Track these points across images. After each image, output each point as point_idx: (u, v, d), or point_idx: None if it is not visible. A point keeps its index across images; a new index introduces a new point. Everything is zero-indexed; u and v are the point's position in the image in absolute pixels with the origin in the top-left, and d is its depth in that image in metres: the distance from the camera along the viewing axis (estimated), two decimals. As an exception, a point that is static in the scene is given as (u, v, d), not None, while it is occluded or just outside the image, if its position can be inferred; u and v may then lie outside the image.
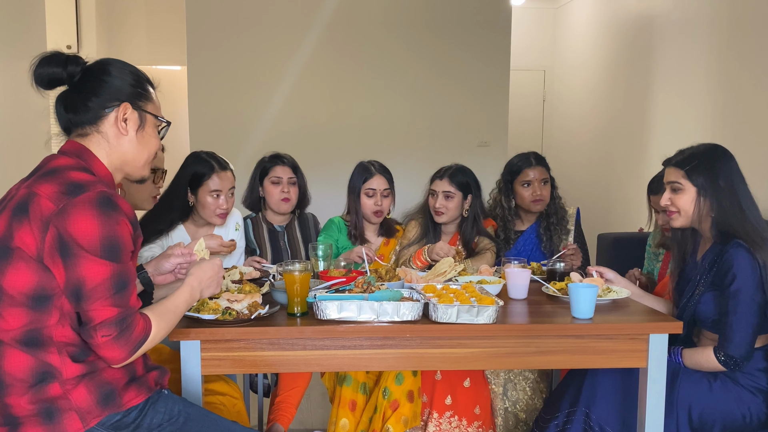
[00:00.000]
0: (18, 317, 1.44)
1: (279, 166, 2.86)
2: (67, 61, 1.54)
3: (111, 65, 1.58)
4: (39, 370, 1.44)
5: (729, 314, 1.97)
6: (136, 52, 6.15)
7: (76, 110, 1.55)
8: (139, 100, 1.59)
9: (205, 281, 1.72)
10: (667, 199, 2.12)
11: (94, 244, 1.40)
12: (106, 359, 1.45)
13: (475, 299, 1.94)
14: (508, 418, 2.56)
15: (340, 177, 3.28)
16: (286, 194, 2.84)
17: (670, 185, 2.11)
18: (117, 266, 1.44)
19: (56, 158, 1.54)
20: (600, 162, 6.10)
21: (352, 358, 1.89)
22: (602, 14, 6.11)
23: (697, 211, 2.07)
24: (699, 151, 2.11)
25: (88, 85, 1.55)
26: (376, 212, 2.82)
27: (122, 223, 1.45)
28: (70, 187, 1.44)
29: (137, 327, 1.46)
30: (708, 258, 2.08)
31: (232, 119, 5.48)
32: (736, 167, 2.08)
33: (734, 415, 2.01)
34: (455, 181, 2.80)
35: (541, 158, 2.94)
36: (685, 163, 2.08)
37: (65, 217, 1.40)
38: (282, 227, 2.92)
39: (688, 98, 4.50)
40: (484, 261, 2.76)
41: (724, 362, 1.98)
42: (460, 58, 5.64)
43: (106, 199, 1.43)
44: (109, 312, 1.42)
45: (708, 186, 2.04)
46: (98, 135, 1.56)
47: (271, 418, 2.52)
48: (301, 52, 5.50)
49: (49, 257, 1.41)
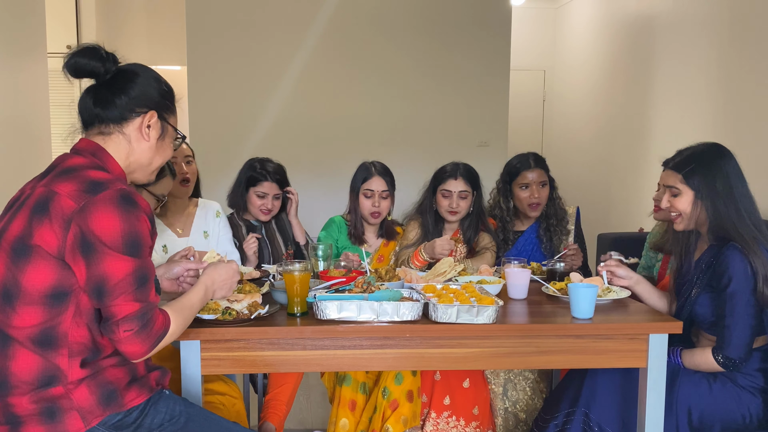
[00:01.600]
0: (34, 315, 1.45)
1: (267, 182, 2.83)
2: (107, 58, 1.57)
3: (145, 71, 1.63)
4: (46, 373, 1.45)
5: (726, 316, 1.97)
6: (136, 52, 6.14)
7: (104, 105, 1.57)
8: (165, 111, 1.65)
9: (219, 282, 1.75)
10: (667, 202, 2.12)
11: (116, 240, 1.43)
12: (127, 354, 1.47)
13: (475, 299, 1.94)
14: (508, 418, 2.56)
15: (340, 177, 3.29)
16: (269, 207, 2.84)
17: (669, 189, 2.11)
18: (138, 261, 1.46)
19: (71, 157, 1.56)
20: (600, 162, 6.10)
21: (352, 358, 1.89)
22: (602, 14, 6.11)
23: (696, 214, 2.07)
24: (697, 153, 2.10)
25: (120, 84, 1.58)
26: (373, 213, 2.82)
27: (142, 219, 1.48)
28: (90, 185, 1.45)
29: (157, 321, 1.49)
30: (704, 259, 2.08)
31: (232, 119, 5.48)
32: (734, 167, 2.07)
33: (734, 416, 2.01)
34: (468, 178, 2.81)
35: (540, 160, 2.92)
36: (683, 166, 2.08)
37: (87, 214, 1.42)
38: (259, 222, 2.92)
39: (688, 98, 4.50)
40: (484, 261, 2.76)
41: (722, 364, 1.98)
42: (460, 59, 5.64)
43: (126, 196, 1.46)
44: (132, 307, 1.44)
45: (704, 189, 2.04)
46: (120, 136, 1.59)
47: (262, 416, 2.53)
48: (302, 52, 5.50)
49: (70, 255, 1.43)
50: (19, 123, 4.02)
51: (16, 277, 1.45)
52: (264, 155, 2.96)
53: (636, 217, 4.94)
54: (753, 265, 1.94)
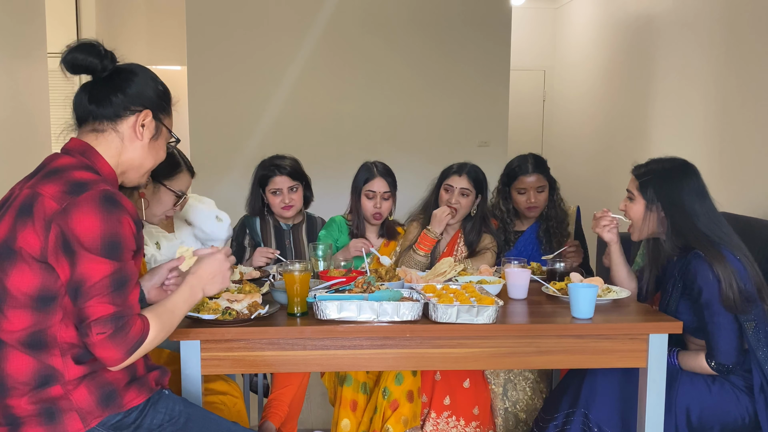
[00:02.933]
0: (22, 318, 1.44)
1: (277, 176, 2.80)
2: (105, 55, 1.55)
3: (143, 71, 1.62)
4: (41, 373, 1.44)
5: (708, 324, 1.98)
6: (136, 52, 6.15)
7: (99, 102, 1.55)
8: (160, 112, 1.63)
9: (206, 278, 1.64)
10: (623, 205, 2.19)
11: (95, 241, 1.40)
12: (103, 360, 1.42)
13: (475, 299, 1.94)
14: (508, 419, 2.56)
15: (340, 177, 3.29)
16: (288, 203, 2.81)
17: (627, 193, 2.16)
18: (117, 264, 1.43)
19: (59, 157, 1.54)
20: (600, 162, 6.10)
21: (352, 358, 1.89)
22: (602, 14, 6.11)
23: (647, 224, 2.11)
24: (659, 167, 2.15)
25: (117, 82, 1.57)
26: (375, 215, 2.82)
27: (124, 221, 1.44)
28: (73, 186, 1.43)
29: (134, 327, 1.43)
30: (676, 267, 2.10)
31: (232, 119, 5.48)
32: (694, 184, 2.08)
33: (733, 416, 2.01)
34: (473, 178, 2.80)
35: (539, 164, 2.91)
36: (642, 175, 2.14)
37: (68, 215, 1.40)
38: (288, 226, 2.91)
39: (688, 97, 4.50)
40: (484, 261, 2.76)
41: (716, 369, 1.98)
42: (461, 59, 5.64)
43: (108, 197, 1.43)
44: (105, 309, 1.40)
45: (656, 200, 2.08)
46: (114, 133, 1.57)
47: (264, 415, 2.53)
48: (302, 52, 5.50)
49: (53, 256, 1.41)
50: (20, 123, 4.02)
51: (2, 281, 1.44)
52: (264, 155, 2.96)
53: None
54: (715, 272, 1.94)
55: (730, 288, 1.93)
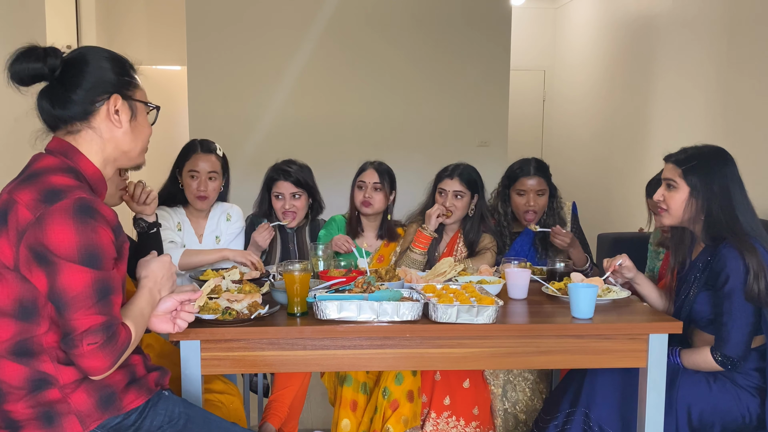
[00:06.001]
0: (6, 328, 1.42)
1: (281, 181, 2.80)
2: (46, 55, 1.46)
3: (89, 54, 1.52)
4: (34, 378, 1.43)
5: (724, 314, 1.98)
6: (136, 52, 6.09)
7: (63, 105, 1.48)
8: (126, 89, 1.54)
9: (160, 281, 1.61)
10: (661, 195, 2.12)
11: (71, 252, 1.36)
12: (88, 370, 1.39)
13: (475, 299, 1.94)
14: (507, 419, 2.56)
15: (340, 177, 3.28)
16: (289, 209, 2.80)
17: (666, 181, 2.11)
18: (98, 273, 1.39)
19: (42, 158, 1.50)
20: (600, 162, 6.10)
21: (352, 358, 1.89)
22: (602, 14, 6.11)
23: (688, 212, 2.07)
24: (700, 152, 2.10)
25: (71, 78, 1.48)
26: (364, 202, 2.81)
27: (100, 230, 1.40)
28: (47, 194, 1.39)
29: (122, 334, 1.41)
30: (701, 259, 2.09)
31: (232, 119, 5.48)
32: (734, 173, 2.07)
33: (734, 415, 2.01)
34: (465, 180, 2.79)
35: (541, 168, 2.90)
36: (684, 162, 2.08)
37: (41, 226, 1.36)
38: (292, 230, 2.91)
39: (688, 97, 4.50)
40: (484, 261, 2.76)
41: (721, 362, 1.98)
42: (461, 59, 5.64)
43: (83, 206, 1.38)
44: (93, 320, 1.37)
45: (701, 188, 2.04)
46: (90, 131, 1.51)
47: (264, 417, 2.53)
48: (302, 52, 5.50)
49: (25, 267, 1.38)
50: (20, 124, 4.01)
51: None
52: (263, 155, 2.96)
53: (636, 218, 4.93)
54: (746, 262, 1.94)
55: (756, 281, 1.93)
